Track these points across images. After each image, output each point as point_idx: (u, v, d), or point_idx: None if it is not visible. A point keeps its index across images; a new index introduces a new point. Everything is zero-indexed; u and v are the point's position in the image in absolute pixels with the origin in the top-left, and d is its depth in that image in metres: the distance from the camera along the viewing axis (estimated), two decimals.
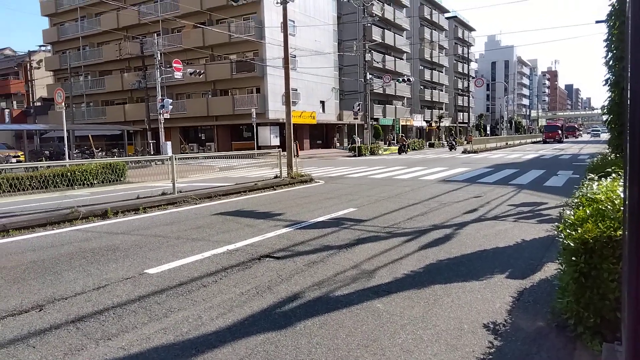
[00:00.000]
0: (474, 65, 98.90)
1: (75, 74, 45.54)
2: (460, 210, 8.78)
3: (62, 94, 17.48)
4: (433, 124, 68.72)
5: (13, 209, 9.56)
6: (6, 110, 49.39)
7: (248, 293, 4.38)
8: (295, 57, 36.00)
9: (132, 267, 5.34)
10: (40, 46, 48.52)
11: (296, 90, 37.36)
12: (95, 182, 12.21)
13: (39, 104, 49.91)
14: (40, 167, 12.66)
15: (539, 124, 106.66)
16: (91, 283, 4.79)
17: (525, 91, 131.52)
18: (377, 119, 50.37)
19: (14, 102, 54.08)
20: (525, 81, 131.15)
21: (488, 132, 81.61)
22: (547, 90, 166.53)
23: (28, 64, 45.78)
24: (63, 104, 17.21)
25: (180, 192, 11.22)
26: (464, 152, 34.12)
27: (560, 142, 52.30)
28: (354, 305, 4.01)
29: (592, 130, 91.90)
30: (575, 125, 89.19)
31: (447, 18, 75.40)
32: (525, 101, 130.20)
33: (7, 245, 6.76)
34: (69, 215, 8.42)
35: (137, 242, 6.73)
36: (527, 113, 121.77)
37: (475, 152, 33.95)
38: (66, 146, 19.73)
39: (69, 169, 11.91)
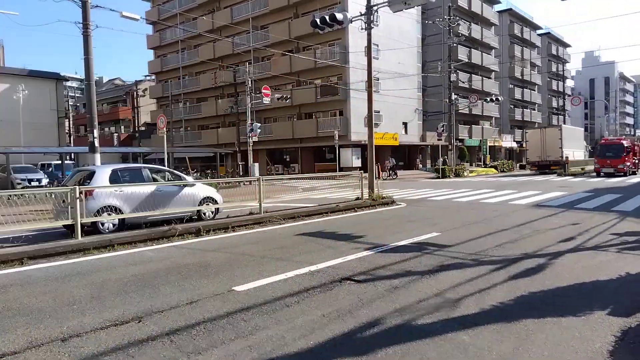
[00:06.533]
0: (569, 83, 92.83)
1: (175, 101, 49.73)
2: (555, 238, 8.21)
3: (164, 120, 19.01)
4: (524, 145, 65.09)
5: None
6: (115, 134, 54.84)
7: (329, 315, 4.42)
8: (378, 80, 36.15)
9: (222, 284, 5.61)
10: (145, 76, 53.69)
11: (378, 112, 37.37)
12: None
13: (143, 128, 54.62)
14: None
15: None
16: (184, 298, 5.11)
17: (629, 109, 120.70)
18: (462, 140, 48.83)
19: (122, 127, 59.88)
20: (629, 99, 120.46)
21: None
22: None
23: (135, 92, 50.40)
24: (164, 129, 18.71)
25: (266, 212, 11.64)
26: (559, 174, 31.87)
27: (625, 175, 28.05)
28: (438, 336, 3.89)
29: None
30: None
31: (539, 35, 71.85)
32: (630, 120, 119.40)
33: (113, 259, 7.42)
34: (167, 232, 9.08)
35: (227, 259, 7.08)
36: (632, 133, 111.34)
37: (572, 174, 31.58)
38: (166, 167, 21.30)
39: None
